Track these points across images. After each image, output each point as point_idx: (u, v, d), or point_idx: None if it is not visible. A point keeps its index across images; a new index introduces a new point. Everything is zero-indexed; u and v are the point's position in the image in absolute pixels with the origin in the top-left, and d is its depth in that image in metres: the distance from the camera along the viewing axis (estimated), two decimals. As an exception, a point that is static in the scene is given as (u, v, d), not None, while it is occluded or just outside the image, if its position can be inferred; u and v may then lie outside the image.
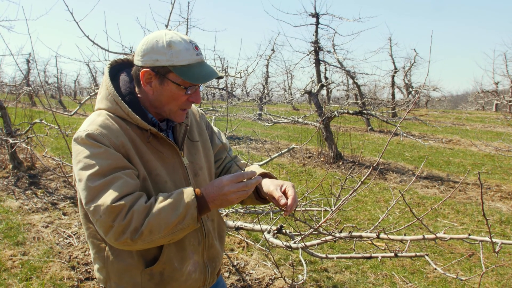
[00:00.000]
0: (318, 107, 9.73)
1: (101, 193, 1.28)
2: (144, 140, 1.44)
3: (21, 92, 11.31)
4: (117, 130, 1.38)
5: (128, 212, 1.27)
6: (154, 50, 1.38)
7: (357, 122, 19.38)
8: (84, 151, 1.32)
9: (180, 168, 1.52)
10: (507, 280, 3.94)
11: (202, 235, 1.57)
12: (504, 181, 8.01)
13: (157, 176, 1.44)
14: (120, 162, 1.33)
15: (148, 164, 1.43)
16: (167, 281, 1.49)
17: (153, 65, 1.38)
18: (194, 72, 1.38)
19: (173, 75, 1.38)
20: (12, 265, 4.01)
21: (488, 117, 23.26)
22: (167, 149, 1.49)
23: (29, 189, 6.58)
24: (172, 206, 1.30)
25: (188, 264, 1.52)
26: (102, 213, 1.26)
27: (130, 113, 1.40)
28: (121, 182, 1.30)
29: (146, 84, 1.42)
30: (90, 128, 1.35)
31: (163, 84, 1.40)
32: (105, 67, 1.53)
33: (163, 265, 1.46)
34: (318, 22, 10.32)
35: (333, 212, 2.60)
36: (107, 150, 1.32)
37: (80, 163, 1.31)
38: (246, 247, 4.54)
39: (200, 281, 1.59)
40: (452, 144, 13.33)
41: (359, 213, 5.92)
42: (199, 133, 1.69)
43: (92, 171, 1.29)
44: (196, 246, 1.55)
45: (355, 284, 3.81)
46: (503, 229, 5.38)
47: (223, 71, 6.80)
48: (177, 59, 1.37)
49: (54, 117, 3.36)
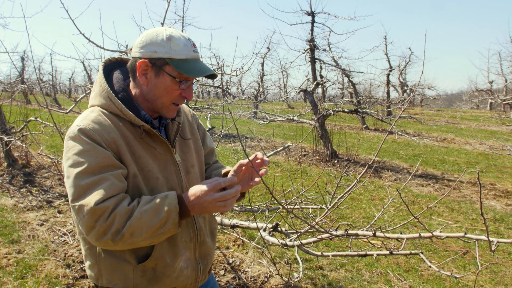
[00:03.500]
0: (313, 106, 9.75)
1: (87, 193, 1.29)
2: (137, 137, 1.45)
3: (16, 89, 11.25)
4: (109, 126, 1.39)
5: (110, 214, 1.29)
6: (153, 43, 1.41)
7: (352, 120, 19.43)
8: (74, 148, 1.34)
9: (172, 165, 1.54)
10: (501, 277, 3.98)
11: (193, 232, 1.58)
12: (498, 179, 8.07)
13: (149, 172, 1.45)
14: (109, 161, 1.34)
15: (140, 160, 1.44)
16: (159, 277, 1.50)
17: (151, 56, 1.41)
18: (190, 66, 1.42)
19: (169, 67, 1.41)
20: (7, 263, 4.00)
21: (482, 116, 23.39)
22: (159, 146, 1.51)
23: (24, 187, 6.55)
24: (155, 210, 1.32)
25: (180, 260, 1.53)
26: (86, 213, 1.28)
27: (123, 109, 1.42)
28: (108, 184, 1.31)
29: (142, 75, 1.44)
30: (83, 123, 1.37)
31: (159, 76, 1.42)
32: (99, 65, 1.55)
33: (155, 261, 1.47)
34: (313, 20, 10.34)
35: (328, 210, 2.61)
36: (96, 147, 1.33)
37: (70, 160, 1.33)
38: (241, 245, 4.54)
39: (192, 278, 1.60)
40: (446, 143, 13.40)
41: (354, 211, 5.95)
42: (191, 132, 1.71)
43: (81, 169, 1.31)
44: (188, 243, 1.56)
45: (350, 282, 3.83)
46: (497, 227, 5.41)
47: (218, 69, 6.79)
48: (175, 53, 1.40)
49: (51, 115, 3.35)
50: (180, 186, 1.55)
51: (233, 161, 9.21)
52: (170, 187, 1.51)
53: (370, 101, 12.98)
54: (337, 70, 13.72)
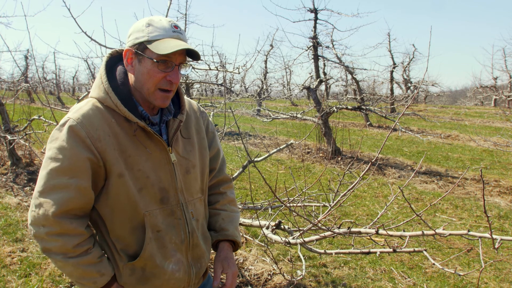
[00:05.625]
0: (316, 103, 9.73)
1: (51, 194, 1.34)
2: (130, 133, 1.41)
3: (19, 88, 11.28)
4: (98, 122, 1.37)
5: (58, 235, 1.36)
6: (135, 30, 1.41)
7: (356, 117, 19.39)
8: (57, 141, 1.35)
9: (167, 164, 1.48)
10: (506, 274, 3.96)
11: (185, 234, 1.54)
12: (503, 176, 8.03)
13: (138, 172, 1.42)
14: (81, 166, 1.34)
15: (130, 159, 1.41)
16: (148, 278, 1.48)
17: (133, 43, 1.40)
18: (166, 45, 1.36)
19: (148, 51, 1.38)
20: (11, 261, 4.01)
21: (486, 112, 23.28)
22: (154, 144, 1.46)
23: (28, 186, 6.58)
24: (82, 274, 1.40)
25: (170, 262, 1.50)
26: (41, 213, 1.34)
27: (118, 104, 1.38)
28: (73, 194, 1.34)
29: (129, 64, 1.42)
30: (73, 116, 1.36)
31: (141, 62, 1.40)
32: (104, 56, 1.52)
33: (144, 261, 1.45)
34: (316, 17, 10.30)
35: (331, 208, 2.60)
36: (74, 148, 1.33)
37: (50, 151, 1.35)
38: (245, 242, 4.54)
39: (184, 281, 1.56)
40: (450, 139, 13.35)
41: (357, 209, 5.93)
42: (197, 130, 1.65)
43: (55, 165, 1.33)
44: (178, 244, 1.52)
45: (353, 279, 3.82)
46: (502, 224, 5.39)
47: (221, 67, 6.78)
48: (152, 35, 1.37)
49: (53, 114, 3.35)
50: (174, 187, 1.50)
51: (236, 159, 9.21)
52: (161, 187, 1.47)
53: (374, 98, 12.93)
54: (341, 67, 13.68)
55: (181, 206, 1.52)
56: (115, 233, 1.44)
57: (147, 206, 1.43)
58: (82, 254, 1.38)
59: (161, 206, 1.46)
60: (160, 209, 1.46)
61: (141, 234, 1.44)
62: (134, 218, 1.43)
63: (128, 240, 1.44)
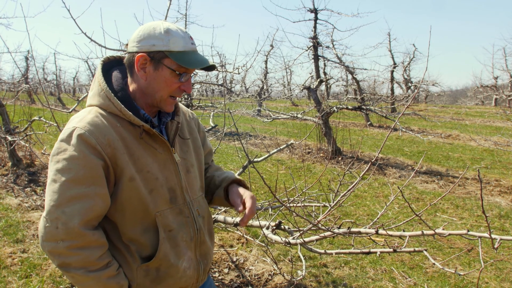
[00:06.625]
0: (317, 103, 9.72)
1: (69, 205, 1.31)
2: (136, 137, 1.44)
3: (20, 89, 11.28)
4: (106, 128, 1.38)
5: (81, 248, 1.33)
6: (151, 36, 1.40)
7: (356, 117, 19.38)
8: (66, 152, 1.33)
9: (172, 164, 1.53)
10: (506, 274, 3.95)
11: (194, 231, 1.57)
12: (503, 175, 8.02)
13: (148, 173, 1.44)
14: (96, 172, 1.34)
15: (139, 161, 1.43)
16: (162, 277, 1.49)
17: (149, 50, 1.40)
18: (190, 58, 1.41)
19: (168, 60, 1.40)
20: (12, 262, 4.02)
21: (487, 112, 23.26)
22: (159, 145, 1.50)
23: (29, 187, 6.58)
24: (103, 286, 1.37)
25: (183, 260, 1.53)
26: (62, 227, 1.30)
27: (122, 109, 1.40)
28: (90, 203, 1.33)
29: (140, 69, 1.42)
30: (79, 125, 1.35)
31: (158, 70, 1.41)
32: (98, 63, 1.54)
33: (159, 262, 1.47)
34: (316, 17, 10.29)
35: (332, 208, 2.60)
36: (87, 156, 1.33)
37: (59, 163, 1.33)
38: (245, 243, 4.54)
39: (193, 278, 1.59)
40: (451, 139, 13.34)
41: (358, 209, 5.93)
42: (189, 131, 1.70)
43: (69, 176, 1.31)
44: (188, 242, 1.55)
45: (354, 279, 3.82)
46: (502, 223, 5.39)
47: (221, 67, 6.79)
48: (173, 45, 1.39)
49: (53, 115, 3.35)
50: (180, 186, 1.54)
51: (237, 159, 9.21)
52: (169, 187, 1.50)
53: (374, 98, 12.91)
54: (341, 67, 13.67)
55: (188, 204, 1.56)
56: (127, 236, 1.45)
57: (158, 206, 1.46)
58: (103, 268, 1.37)
59: (171, 206, 1.50)
60: (170, 209, 1.50)
61: (152, 234, 1.47)
62: (145, 220, 1.45)
63: (141, 241, 1.46)
